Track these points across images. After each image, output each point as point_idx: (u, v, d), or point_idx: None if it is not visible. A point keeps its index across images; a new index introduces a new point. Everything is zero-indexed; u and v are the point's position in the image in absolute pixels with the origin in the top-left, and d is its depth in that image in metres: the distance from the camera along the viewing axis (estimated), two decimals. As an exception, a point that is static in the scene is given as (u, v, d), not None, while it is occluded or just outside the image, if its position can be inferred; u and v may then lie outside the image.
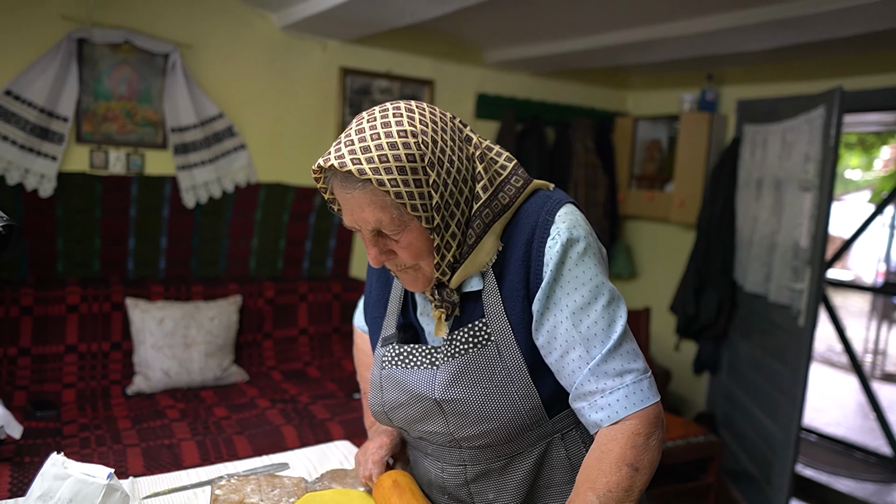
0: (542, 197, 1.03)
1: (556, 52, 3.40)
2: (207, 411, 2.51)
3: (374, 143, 0.91)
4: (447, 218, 0.96)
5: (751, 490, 3.22)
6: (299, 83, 3.26)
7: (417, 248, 0.96)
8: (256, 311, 3.07)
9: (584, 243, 0.97)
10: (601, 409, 0.95)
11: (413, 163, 0.91)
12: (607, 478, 0.91)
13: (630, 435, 0.92)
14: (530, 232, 0.99)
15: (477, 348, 1.01)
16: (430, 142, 0.93)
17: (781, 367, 2.97)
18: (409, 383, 1.06)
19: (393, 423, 1.12)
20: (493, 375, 1.00)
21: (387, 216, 0.92)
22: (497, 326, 1.01)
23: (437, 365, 1.04)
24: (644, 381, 0.95)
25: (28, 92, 2.61)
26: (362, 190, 0.91)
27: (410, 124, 0.93)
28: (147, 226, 2.96)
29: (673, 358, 4.05)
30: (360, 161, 0.89)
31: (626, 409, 0.93)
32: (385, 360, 1.10)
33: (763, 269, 3.21)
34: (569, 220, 0.98)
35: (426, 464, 1.15)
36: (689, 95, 3.81)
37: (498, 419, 1.01)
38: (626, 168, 4.18)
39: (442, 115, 0.99)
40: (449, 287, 1.02)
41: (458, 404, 1.02)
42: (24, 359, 2.57)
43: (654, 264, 4.30)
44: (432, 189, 0.93)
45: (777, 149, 3.16)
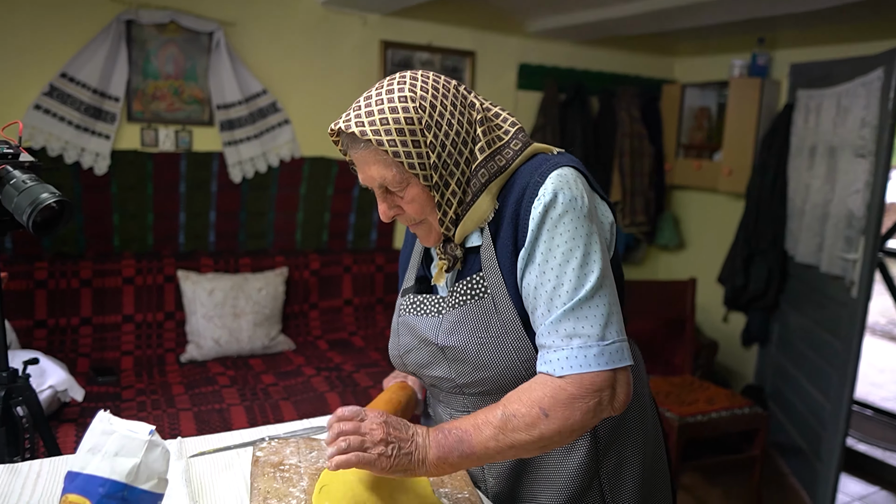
0: (539, 160, 1.07)
1: (600, 18, 3.32)
2: (256, 378, 2.61)
3: (377, 108, 1.00)
4: (446, 177, 1.04)
5: (799, 464, 3.16)
6: (341, 57, 3.29)
7: (420, 204, 1.05)
8: (302, 283, 3.15)
9: (568, 204, 0.99)
10: (545, 364, 0.98)
11: (411, 125, 1.00)
12: (517, 406, 0.96)
13: (556, 388, 0.95)
14: (521, 192, 1.03)
15: (474, 300, 1.08)
16: (427, 106, 1.01)
17: (833, 339, 2.89)
18: (418, 329, 1.15)
19: (407, 367, 1.21)
20: (488, 326, 1.07)
21: (389, 173, 1.02)
22: (492, 280, 1.07)
23: (442, 313, 1.12)
24: (593, 348, 0.95)
25: (82, 73, 2.72)
26: (366, 150, 1.01)
27: (411, 90, 1.02)
28: (196, 201, 3.06)
29: (721, 330, 3.98)
30: (364, 124, 0.99)
31: (562, 370, 0.96)
32: (402, 308, 1.20)
33: (815, 238, 3.11)
34: (557, 182, 1.01)
35: (439, 410, 1.23)
36: (739, 60, 3.68)
37: (494, 367, 1.07)
38: (673, 137, 4.08)
39: (445, 83, 1.06)
40: (453, 242, 1.10)
41: (457, 351, 1.09)
42: (85, 328, 2.71)
43: (702, 235, 4.21)
44: (429, 150, 1.01)
45: (832, 114, 3.03)
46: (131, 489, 0.79)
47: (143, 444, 0.80)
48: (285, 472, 1.17)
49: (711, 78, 4.01)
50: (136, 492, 0.79)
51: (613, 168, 3.92)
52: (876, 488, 3.21)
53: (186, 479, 1.15)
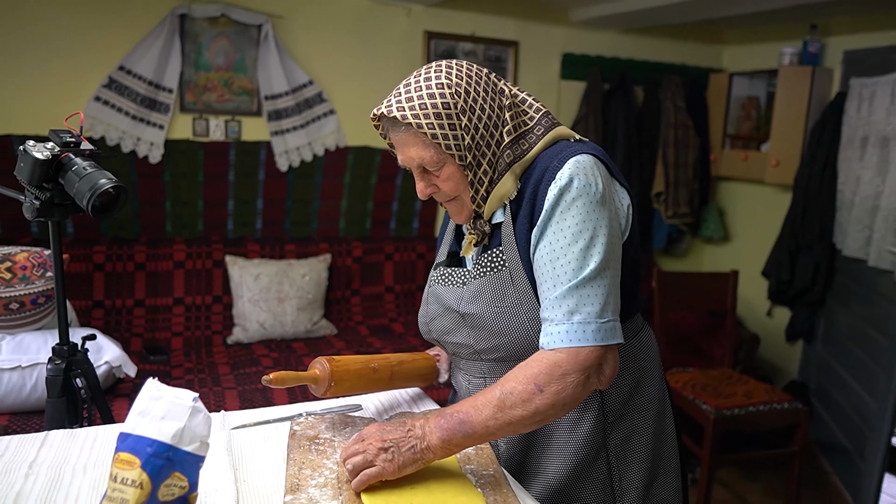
0: (561, 146, 1.14)
1: (646, 6, 3.29)
2: (298, 361, 2.71)
3: (416, 94, 1.09)
4: (479, 157, 1.13)
5: (842, 462, 3.10)
6: (385, 48, 3.34)
7: (455, 183, 1.14)
8: (345, 269, 3.24)
9: (582, 188, 1.06)
10: (546, 335, 1.06)
11: (448, 110, 1.08)
12: (515, 383, 1.03)
13: (551, 363, 1.02)
14: (541, 175, 1.11)
15: (493, 272, 1.17)
16: (462, 92, 1.10)
17: (881, 336, 2.82)
18: (443, 297, 1.25)
19: (431, 334, 1.31)
20: (504, 296, 1.15)
21: (427, 154, 1.11)
22: (510, 254, 1.15)
23: (465, 284, 1.22)
24: (592, 324, 1.03)
25: (138, 66, 2.84)
26: (406, 132, 1.10)
27: (447, 78, 1.10)
28: (244, 189, 3.17)
29: (764, 324, 3.91)
30: (404, 108, 1.08)
31: (560, 342, 1.03)
32: (433, 279, 1.31)
33: (864, 231, 3.03)
34: (574, 168, 1.07)
35: (459, 378, 1.32)
36: (789, 48, 3.59)
37: (509, 335, 1.15)
38: (719, 127, 4.01)
39: (478, 71, 1.15)
40: (482, 218, 1.19)
41: (476, 318, 1.18)
42: (139, 309, 2.85)
43: (748, 227, 4.14)
44: (463, 132, 1.10)
45: (886, 103, 2.95)
46: (176, 450, 0.86)
47: (188, 409, 0.87)
48: (320, 446, 1.23)
49: (760, 66, 3.92)
50: (181, 452, 0.86)
51: (657, 159, 3.89)
52: (924, 489, 3.12)
53: (228, 448, 1.22)
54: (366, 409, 1.47)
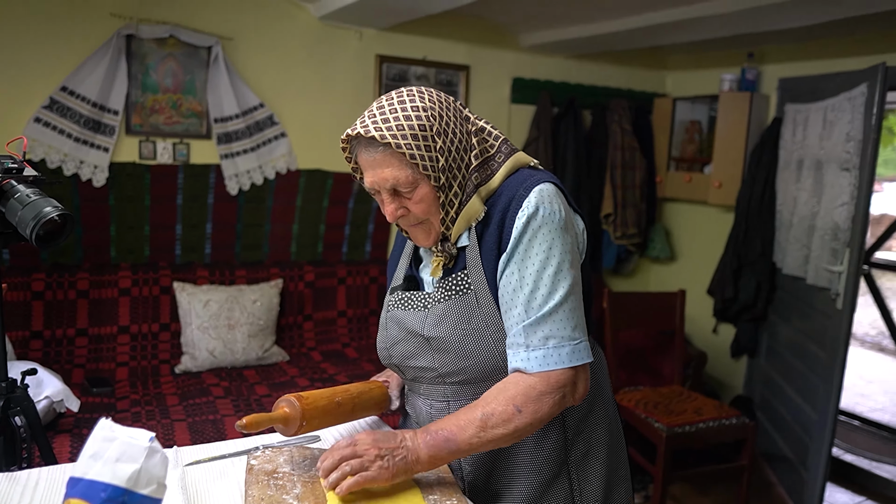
0: (524, 174, 1.19)
1: (592, 33, 3.39)
2: (250, 389, 2.64)
3: (392, 115, 1.11)
4: (451, 179, 1.15)
5: (787, 473, 3.20)
6: (337, 71, 3.34)
7: (427, 204, 1.15)
8: (297, 294, 3.19)
9: (548, 215, 1.12)
10: (520, 361, 1.11)
11: (424, 132, 1.11)
12: (494, 405, 1.09)
13: (527, 386, 1.09)
14: (507, 202, 1.15)
15: (458, 295, 1.19)
16: (437, 116, 1.13)
17: (820, 350, 2.94)
18: (405, 322, 1.26)
19: (392, 359, 1.30)
20: (471, 319, 1.18)
21: (403, 174, 1.11)
22: (475, 278, 1.18)
23: (427, 307, 1.23)
24: (565, 347, 1.10)
25: (82, 87, 2.76)
26: (383, 153, 1.11)
27: (421, 101, 1.13)
28: (193, 213, 3.10)
29: (710, 341, 4.02)
30: (382, 129, 1.10)
31: (537, 367, 1.09)
32: (391, 304, 1.31)
33: (802, 251, 3.17)
34: (539, 196, 1.13)
35: (419, 403, 1.32)
36: (728, 75, 3.75)
37: (475, 357, 1.18)
38: (664, 150, 4.14)
39: (446, 98, 1.19)
40: (449, 241, 1.20)
41: (441, 341, 1.19)
42: (81, 339, 2.74)
43: (693, 247, 4.27)
44: (438, 154, 1.12)
45: (818, 128, 3.09)
46: (131, 494, 0.82)
47: (144, 450, 0.83)
48: (279, 480, 1.20)
49: (702, 92, 4.08)
50: (136, 496, 0.83)
51: (605, 180, 3.98)
52: (862, 498, 3.25)
53: (182, 486, 1.18)
54: (324, 439, 1.45)
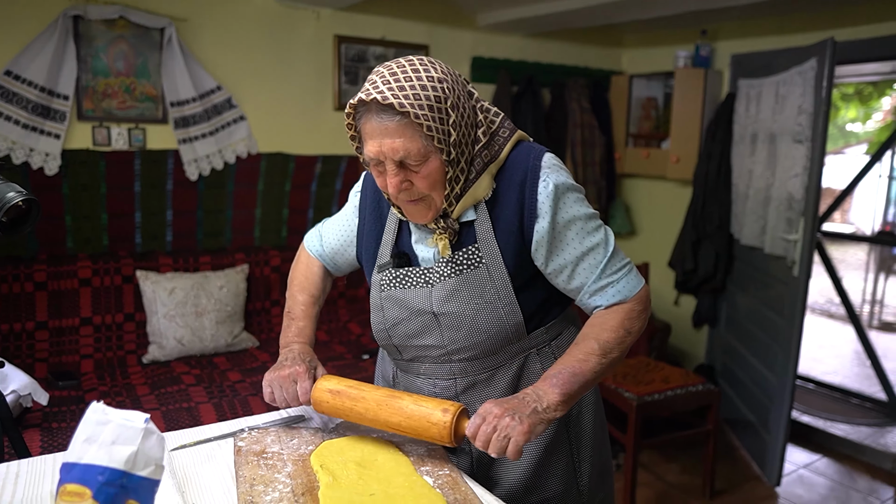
0: (526, 147, 1.22)
1: (549, 11, 3.40)
2: (221, 376, 2.60)
3: (408, 83, 1.07)
4: (459, 154, 1.13)
5: (748, 436, 3.33)
6: (295, 53, 3.28)
7: (434, 179, 1.12)
8: (263, 279, 3.14)
9: (570, 184, 1.18)
10: (613, 296, 1.20)
11: (440, 103, 1.08)
12: (608, 334, 1.17)
13: (628, 310, 1.20)
14: (522, 175, 1.17)
15: (470, 269, 1.19)
16: (450, 88, 1.10)
17: (777, 317, 3.05)
18: (408, 301, 1.24)
19: (392, 340, 1.29)
20: (483, 292, 1.19)
21: (415, 146, 1.08)
22: (488, 251, 1.18)
23: (431, 283, 1.22)
24: (633, 270, 1.22)
25: (27, 71, 2.64)
26: (398, 122, 1.06)
27: (435, 72, 1.10)
28: (152, 200, 3.02)
29: (672, 312, 4.13)
30: (399, 97, 1.05)
31: (630, 292, 1.20)
32: (384, 283, 1.27)
33: (758, 221, 3.27)
34: (553, 167, 1.18)
35: (418, 383, 1.31)
36: (683, 52, 3.82)
37: (486, 331, 1.19)
38: (622, 126, 4.21)
39: (453, 70, 1.17)
40: (451, 217, 1.19)
41: (453, 317, 1.20)
42: (41, 332, 2.65)
43: (653, 221, 4.36)
44: (451, 128, 1.10)
45: (771, 102, 3.19)
46: (130, 476, 0.81)
47: (140, 431, 0.82)
48: (269, 460, 1.19)
49: (657, 69, 4.15)
50: (135, 478, 0.81)
51: (566, 158, 4.02)
52: (818, 456, 3.41)
53: (171, 471, 1.16)
54: (310, 418, 1.44)
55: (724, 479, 3.11)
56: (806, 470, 3.26)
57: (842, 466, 3.31)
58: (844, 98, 8.10)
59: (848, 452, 3.42)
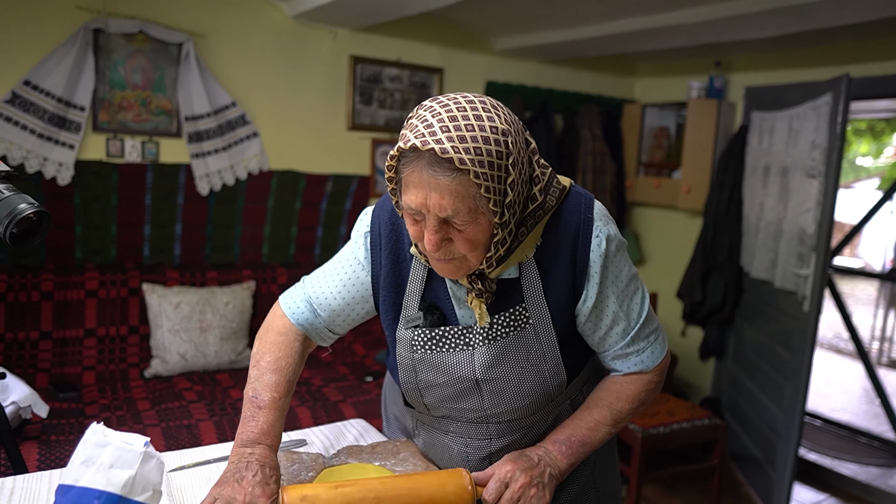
0: (576, 196, 1.11)
1: (564, 39, 3.43)
2: (224, 393, 2.58)
3: (469, 133, 0.91)
4: (512, 216, 0.99)
5: (755, 473, 3.27)
6: (310, 71, 3.30)
7: (478, 241, 0.98)
8: (270, 297, 3.13)
9: (618, 239, 1.12)
10: (635, 365, 1.17)
11: (500, 160, 0.93)
12: (622, 405, 1.16)
13: (647, 381, 1.18)
14: (575, 229, 1.09)
15: (516, 331, 1.11)
16: (514, 142, 0.95)
17: (786, 352, 3.01)
18: (446, 366, 1.13)
19: (424, 400, 1.19)
20: (528, 355, 1.12)
21: (465, 206, 0.93)
22: (536, 311, 1.10)
23: (472, 346, 1.11)
24: (661, 336, 1.19)
25: (46, 82, 2.67)
26: (454, 178, 0.91)
27: (500, 122, 0.94)
28: (162, 213, 3.02)
29: (680, 344, 4.09)
30: (460, 150, 0.90)
31: (653, 363, 1.17)
32: (416, 344, 1.13)
33: (769, 255, 3.24)
34: (604, 219, 1.11)
35: (447, 440, 1.22)
36: (696, 83, 3.82)
37: (531, 395, 1.14)
38: (633, 155, 4.20)
39: (515, 117, 1.00)
40: (489, 278, 1.06)
41: (498, 383, 1.13)
42: (45, 342, 2.64)
43: (662, 251, 4.34)
44: (509, 188, 0.95)
45: (784, 136, 3.18)
46: (127, 501, 0.79)
47: (139, 455, 0.81)
48: (268, 485, 1.17)
49: (670, 99, 4.15)
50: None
51: (577, 185, 4.01)
52: (825, 495, 3.34)
53: (168, 493, 1.15)
54: (311, 443, 1.42)
55: (729, 516, 3.05)
56: (812, 509, 3.19)
57: (849, 507, 3.24)
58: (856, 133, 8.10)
59: (856, 493, 3.35)
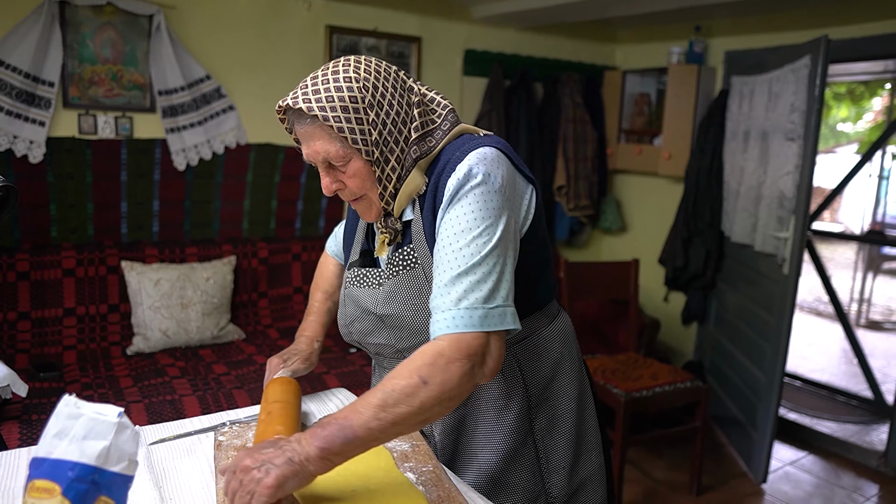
0: (464, 139, 1.15)
1: (544, 5, 3.38)
2: (207, 368, 2.58)
3: (322, 86, 1.07)
4: (386, 153, 1.11)
5: (736, 433, 3.33)
6: (286, 43, 3.24)
7: (361, 179, 1.12)
8: (251, 271, 3.11)
9: (480, 178, 1.05)
10: (433, 324, 1.03)
11: (355, 104, 1.07)
12: (397, 380, 0.97)
13: (433, 353, 0.98)
14: (443, 167, 1.11)
15: (406, 270, 1.17)
16: (370, 87, 1.09)
17: (767, 314, 3.05)
18: (360, 300, 1.24)
19: (352, 335, 1.29)
20: (420, 293, 1.15)
21: (333, 148, 1.09)
22: (421, 251, 1.15)
23: (381, 285, 1.20)
24: (479, 310, 1.00)
25: (11, 57, 2.60)
26: (312, 125, 1.08)
27: (355, 72, 1.09)
28: (139, 189, 2.98)
29: (662, 309, 4.13)
30: (311, 101, 1.06)
31: (445, 329, 1.00)
32: (347, 280, 1.29)
33: (749, 219, 3.26)
34: (476, 158, 1.07)
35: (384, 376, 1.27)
36: (676, 48, 3.80)
37: (428, 331, 1.08)
38: (615, 122, 4.19)
39: (387, 68, 1.14)
40: (393, 216, 1.17)
41: (394, 319, 1.17)
42: (23, 323, 2.61)
43: (644, 217, 4.35)
44: (370, 127, 1.08)
45: (763, 100, 3.18)
46: (102, 472, 0.78)
47: (113, 425, 0.80)
48: (250, 455, 1.17)
49: (651, 65, 4.13)
50: (107, 474, 0.79)
51: (558, 153, 4.01)
52: (805, 453, 3.41)
53: (149, 465, 1.14)
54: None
55: (711, 476, 3.11)
56: (792, 467, 3.27)
57: (828, 464, 3.32)
58: (836, 97, 8.13)
59: (834, 450, 3.43)
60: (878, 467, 3.25)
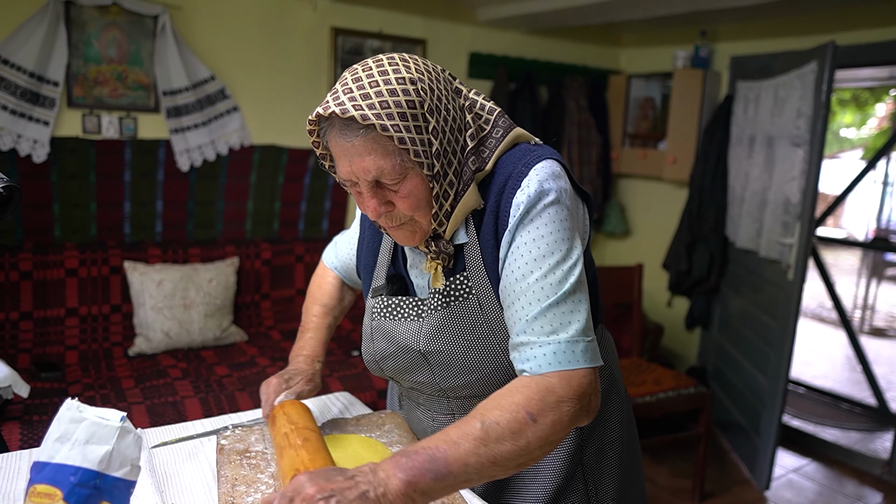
0: (522, 150, 1.01)
1: (549, 9, 3.37)
2: (209, 370, 2.57)
3: (373, 90, 0.89)
4: (445, 166, 0.95)
5: (739, 440, 3.31)
6: (291, 44, 3.24)
7: (417, 198, 0.94)
8: (254, 273, 3.11)
9: (553, 196, 0.94)
10: (527, 361, 0.91)
11: (413, 109, 0.90)
12: (501, 413, 0.85)
13: (543, 389, 0.87)
14: (503, 182, 0.97)
15: (459, 301, 1.02)
16: (427, 89, 0.92)
17: (771, 320, 3.03)
18: (396, 335, 1.09)
19: (385, 372, 1.16)
20: (474, 327, 1.02)
21: (388, 163, 0.90)
22: (477, 279, 1.01)
23: (422, 317, 1.06)
24: (580, 343, 0.90)
25: (16, 56, 2.59)
26: (364, 137, 0.89)
27: (408, 72, 0.92)
28: (142, 190, 2.97)
29: (666, 314, 4.12)
30: (363, 107, 0.87)
31: (549, 366, 0.89)
32: (375, 311, 1.13)
33: (754, 224, 3.25)
34: (543, 174, 0.95)
35: (419, 413, 1.20)
36: (682, 52, 3.79)
37: (481, 370, 1.02)
38: (619, 126, 4.18)
39: (434, 66, 0.99)
40: (444, 238, 1.01)
41: (442, 356, 1.04)
42: (25, 322, 2.61)
43: (648, 222, 4.34)
44: (432, 136, 0.92)
45: (769, 105, 3.17)
46: (104, 477, 0.78)
47: (115, 430, 0.79)
48: (252, 459, 1.16)
49: (656, 69, 4.12)
50: (109, 479, 0.78)
51: (562, 157, 3.99)
52: (808, 460, 3.40)
53: (150, 469, 1.13)
54: (297, 416, 1.41)
55: (714, 483, 3.09)
56: (795, 474, 3.25)
57: (831, 471, 3.30)
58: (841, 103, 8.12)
59: (837, 457, 3.41)
60: (882, 475, 3.23)
